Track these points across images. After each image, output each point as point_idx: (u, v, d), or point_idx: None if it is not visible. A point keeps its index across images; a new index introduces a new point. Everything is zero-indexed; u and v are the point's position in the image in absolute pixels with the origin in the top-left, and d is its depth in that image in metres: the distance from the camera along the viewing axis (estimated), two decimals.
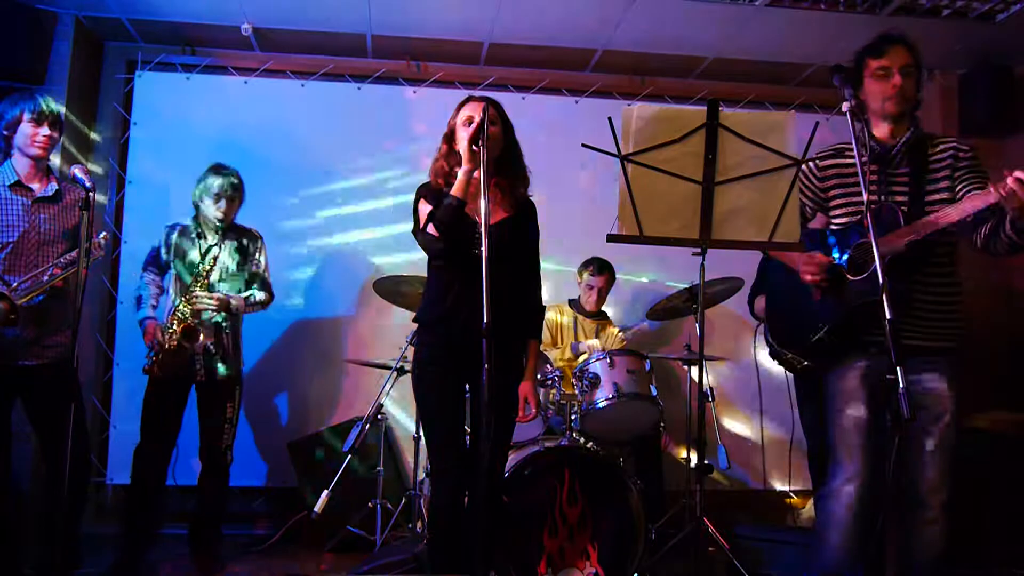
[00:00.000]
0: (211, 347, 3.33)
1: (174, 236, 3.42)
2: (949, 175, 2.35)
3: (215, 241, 3.41)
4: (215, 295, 3.30)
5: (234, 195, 3.42)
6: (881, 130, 2.40)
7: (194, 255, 3.38)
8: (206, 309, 3.28)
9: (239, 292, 3.44)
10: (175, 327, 3.24)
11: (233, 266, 3.44)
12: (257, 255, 3.54)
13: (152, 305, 3.37)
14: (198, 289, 3.28)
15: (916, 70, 2.37)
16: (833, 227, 2.49)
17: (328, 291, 4.48)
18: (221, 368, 3.35)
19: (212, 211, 3.38)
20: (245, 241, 3.51)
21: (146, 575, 3.22)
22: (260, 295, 3.50)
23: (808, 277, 2.37)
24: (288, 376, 4.38)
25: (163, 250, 3.43)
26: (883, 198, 2.35)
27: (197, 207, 3.45)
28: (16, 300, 2.73)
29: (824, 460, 2.49)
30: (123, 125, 4.46)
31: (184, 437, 3.42)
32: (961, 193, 2.30)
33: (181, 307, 3.27)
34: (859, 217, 2.37)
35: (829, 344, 2.38)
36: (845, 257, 2.36)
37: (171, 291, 3.42)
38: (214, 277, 3.37)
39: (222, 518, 3.49)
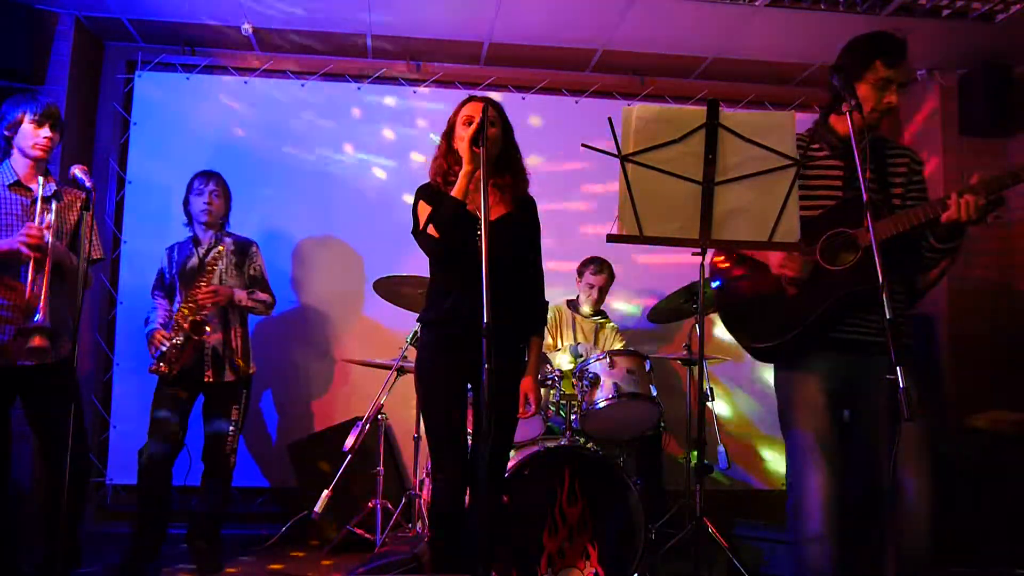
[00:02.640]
0: (219, 348, 3.35)
1: (175, 253, 3.48)
2: (904, 183, 2.37)
3: (212, 243, 3.45)
4: (217, 285, 3.32)
5: (219, 191, 3.48)
6: (844, 126, 2.33)
7: (193, 261, 3.41)
8: (209, 299, 3.27)
9: None
10: (181, 323, 3.24)
11: (232, 267, 3.46)
12: (255, 259, 3.57)
13: (160, 323, 3.38)
14: (203, 284, 3.29)
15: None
16: None
17: (328, 291, 4.48)
18: (229, 370, 3.37)
19: (198, 206, 3.43)
20: (241, 244, 3.54)
21: (147, 575, 3.23)
22: (263, 295, 3.52)
23: (788, 272, 2.29)
24: (288, 376, 4.38)
25: (167, 269, 3.46)
26: (852, 195, 2.30)
27: (189, 215, 3.50)
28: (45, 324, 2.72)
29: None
30: (123, 125, 4.46)
31: (187, 437, 3.41)
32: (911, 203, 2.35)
33: (184, 306, 3.28)
34: (823, 210, 2.33)
35: (797, 340, 2.31)
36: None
37: (177, 306, 3.40)
38: (215, 279, 3.38)
39: (223, 520, 3.50)
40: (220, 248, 3.41)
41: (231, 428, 3.39)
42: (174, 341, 3.24)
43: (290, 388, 4.39)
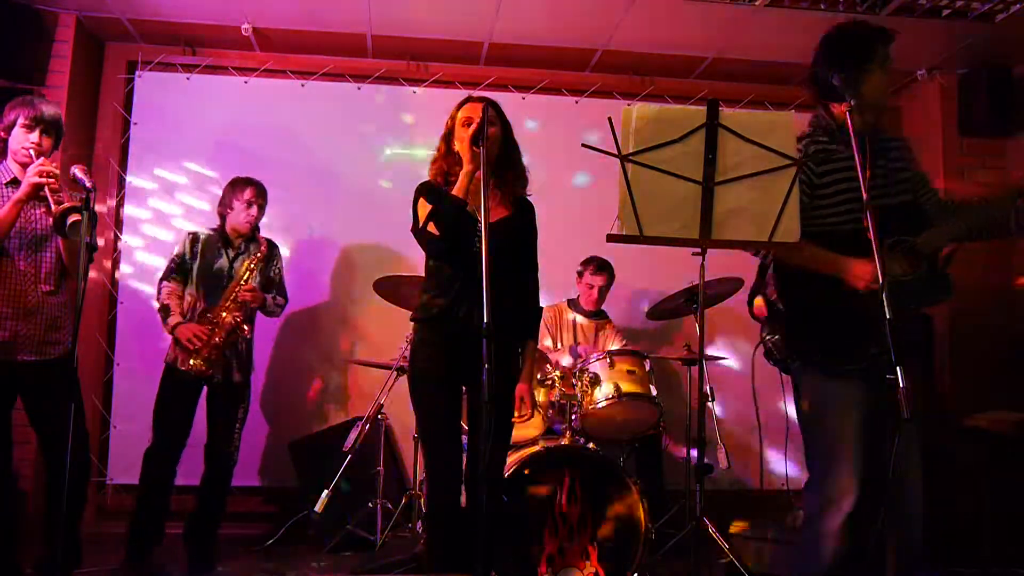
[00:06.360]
0: (228, 350, 3.35)
1: (199, 245, 3.44)
2: (908, 174, 2.37)
3: (242, 249, 3.46)
4: (256, 287, 3.37)
5: (264, 203, 3.50)
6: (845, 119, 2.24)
7: (222, 263, 3.41)
8: (250, 299, 3.33)
9: None
10: (221, 322, 3.27)
11: (258, 273, 3.47)
12: (278, 262, 3.60)
13: (181, 313, 3.35)
14: (243, 284, 3.34)
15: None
16: (829, 223, 2.34)
17: (328, 291, 4.48)
18: (237, 371, 3.38)
19: (243, 217, 3.43)
20: (271, 247, 3.56)
21: (147, 574, 3.22)
22: (280, 299, 3.56)
23: (863, 286, 2.22)
24: (288, 376, 4.38)
25: (187, 256, 3.42)
26: (892, 201, 2.31)
27: (223, 217, 3.49)
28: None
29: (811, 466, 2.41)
30: (123, 125, 4.46)
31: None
32: (929, 202, 2.37)
33: (220, 306, 3.31)
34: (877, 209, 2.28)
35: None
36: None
37: (190, 298, 3.39)
38: (251, 281, 3.42)
39: (220, 519, 3.49)
40: (259, 254, 3.44)
41: (236, 426, 3.40)
42: (215, 340, 3.25)
43: (290, 388, 4.39)
